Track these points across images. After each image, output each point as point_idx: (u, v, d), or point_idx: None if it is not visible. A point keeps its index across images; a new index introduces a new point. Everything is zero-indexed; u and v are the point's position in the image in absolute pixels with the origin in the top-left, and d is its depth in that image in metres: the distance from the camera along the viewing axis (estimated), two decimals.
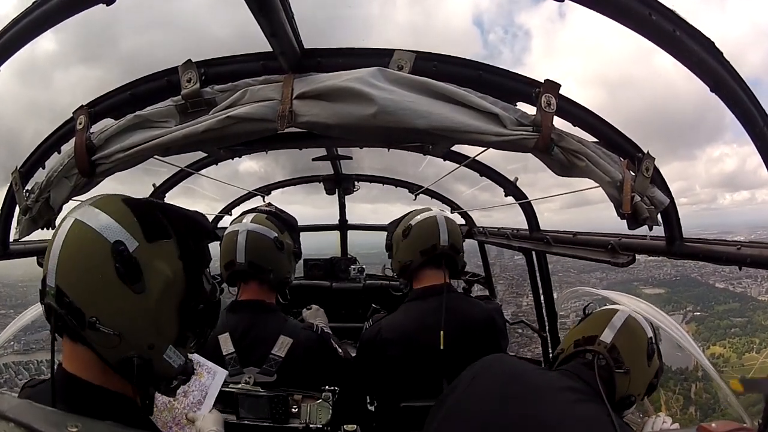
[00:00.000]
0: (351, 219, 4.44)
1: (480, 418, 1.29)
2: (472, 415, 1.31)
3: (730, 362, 22.16)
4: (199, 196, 3.67)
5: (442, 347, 1.80)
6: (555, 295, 2.86)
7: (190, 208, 0.97)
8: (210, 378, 1.48)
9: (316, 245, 4.70)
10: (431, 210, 2.15)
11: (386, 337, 1.93)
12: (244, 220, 1.89)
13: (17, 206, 1.52)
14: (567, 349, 1.48)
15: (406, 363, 1.87)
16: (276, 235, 1.87)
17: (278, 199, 4.03)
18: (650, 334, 1.43)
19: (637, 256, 1.73)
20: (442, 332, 1.80)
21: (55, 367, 0.84)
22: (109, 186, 1.42)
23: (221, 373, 1.51)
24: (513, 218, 2.84)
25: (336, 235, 4.46)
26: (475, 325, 1.90)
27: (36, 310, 3.02)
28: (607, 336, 1.39)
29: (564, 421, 1.20)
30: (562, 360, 1.47)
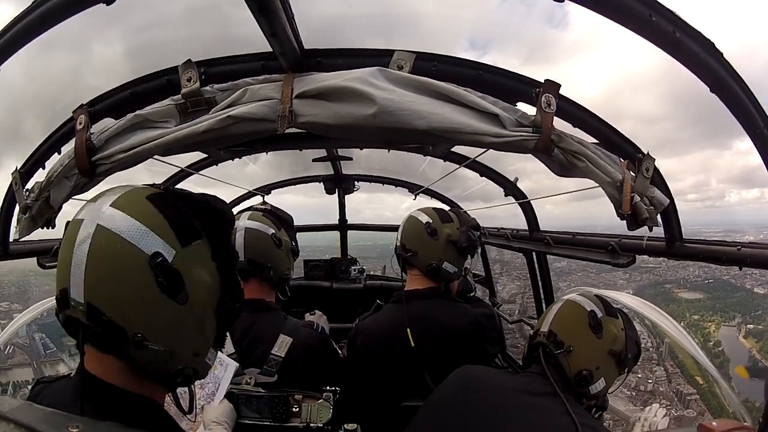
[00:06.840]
0: (346, 210, 4.37)
1: (442, 414, 1.44)
2: (437, 412, 1.47)
3: None
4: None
5: (412, 345, 1.88)
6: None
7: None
8: (222, 370, 1.49)
9: (311, 237, 4.65)
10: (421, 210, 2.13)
11: (365, 336, 2.02)
12: (241, 219, 1.89)
13: (17, 206, 1.52)
14: (524, 351, 1.60)
15: (383, 360, 1.95)
16: (273, 231, 1.88)
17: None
18: (590, 308, 1.48)
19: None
20: (409, 330, 1.89)
21: (78, 367, 0.81)
22: (108, 184, 1.42)
23: (233, 366, 1.52)
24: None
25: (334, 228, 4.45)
26: (451, 329, 1.93)
27: (32, 312, 2.99)
28: (545, 326, 1.51)
29: (519, 419, 1.31)
30: (525, 362, 1.58)
